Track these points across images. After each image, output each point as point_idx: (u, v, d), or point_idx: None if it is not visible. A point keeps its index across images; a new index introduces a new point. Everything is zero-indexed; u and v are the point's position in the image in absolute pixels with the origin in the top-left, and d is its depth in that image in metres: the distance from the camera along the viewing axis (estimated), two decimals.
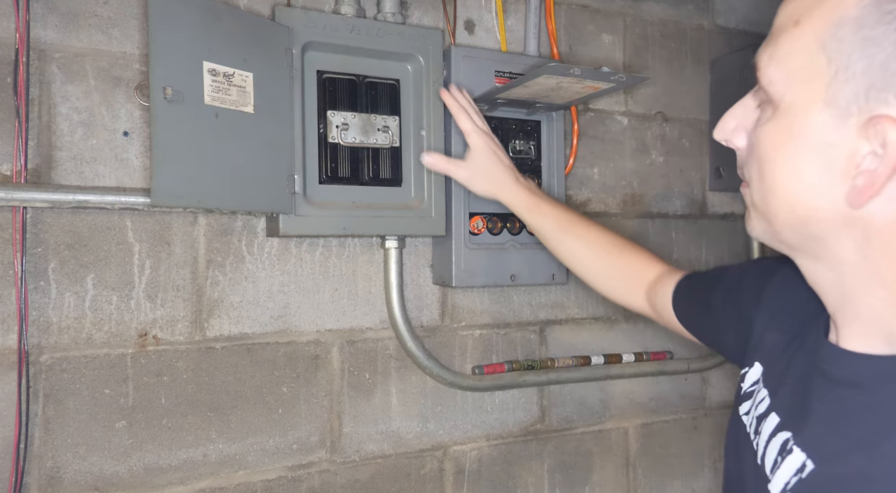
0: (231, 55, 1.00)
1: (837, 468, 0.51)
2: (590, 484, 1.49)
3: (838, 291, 0.54)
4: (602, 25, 1.50)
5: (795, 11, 0.49)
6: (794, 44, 0.49)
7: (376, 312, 1.27)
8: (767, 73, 0.51)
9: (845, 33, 0.45)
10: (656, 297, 0.95)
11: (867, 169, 0.46)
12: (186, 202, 0.96)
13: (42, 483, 1.02)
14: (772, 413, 0.61)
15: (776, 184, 0.52)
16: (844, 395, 0.53)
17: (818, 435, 0.54)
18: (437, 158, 1.11)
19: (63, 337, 1.04)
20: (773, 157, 0.52)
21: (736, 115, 0.57)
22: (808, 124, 0.48)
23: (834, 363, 0.55)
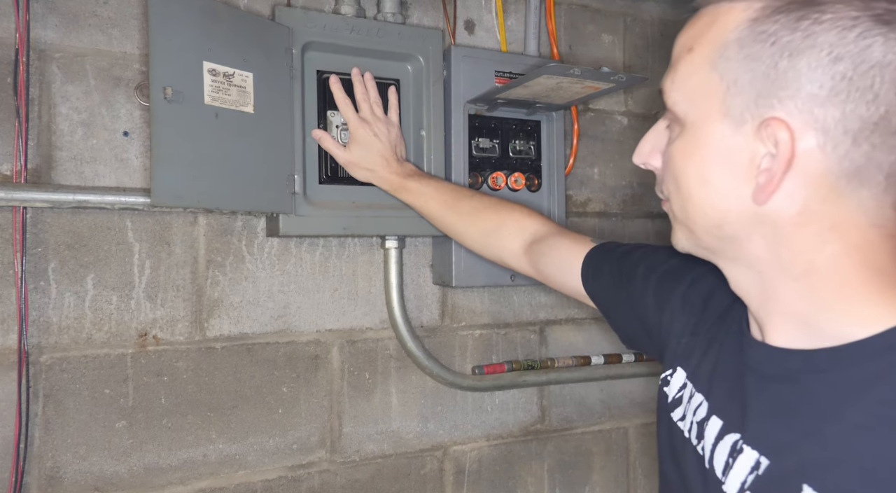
0: (231, 55, 1.00)
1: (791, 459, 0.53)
2: (590, 484, 1.49)
3: (758, 289, 0.58)
4: (602, 25, 1.50)
5: (688, 40, 0.57)
6: (690, 68, 0.56)
7: (376, 312, 1.27)
8: (671, 96, 0.58)
9: (731, 53, 0.52)
10: (542, 258, 0.97)
11: (766, 168, 0.51)
12: (186, 202, 0.96)
13: (42, 483, 1.02)
14: (713, 417, 0.63)
15: (691, 192, 0.57)
16: (780, 390, 0.56)
17: (765, 431, 0.56)
18: (324, 136, 1.13)
19: (63, 337, 1.04)
20: (684, 168, 0.57)
21: (650, 139, 0.64)
22: (711, 135, 0.54)
23: (764, 361, 0.59)
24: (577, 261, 0.92)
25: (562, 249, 0.95)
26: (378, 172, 1.12)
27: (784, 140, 0.49)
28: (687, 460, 0.65)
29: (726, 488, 0.58)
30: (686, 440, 0.66)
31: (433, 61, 1.21)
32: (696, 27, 0.56)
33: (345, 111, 1.12)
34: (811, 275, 0.53)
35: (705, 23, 0.55)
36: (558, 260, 0.95)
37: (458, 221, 1.09)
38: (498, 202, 1.08)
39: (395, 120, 1.18)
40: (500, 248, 1.04)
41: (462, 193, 1.10)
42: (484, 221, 1.06)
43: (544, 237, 0.98)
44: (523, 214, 1.04)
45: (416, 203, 1.12)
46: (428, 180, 1.13)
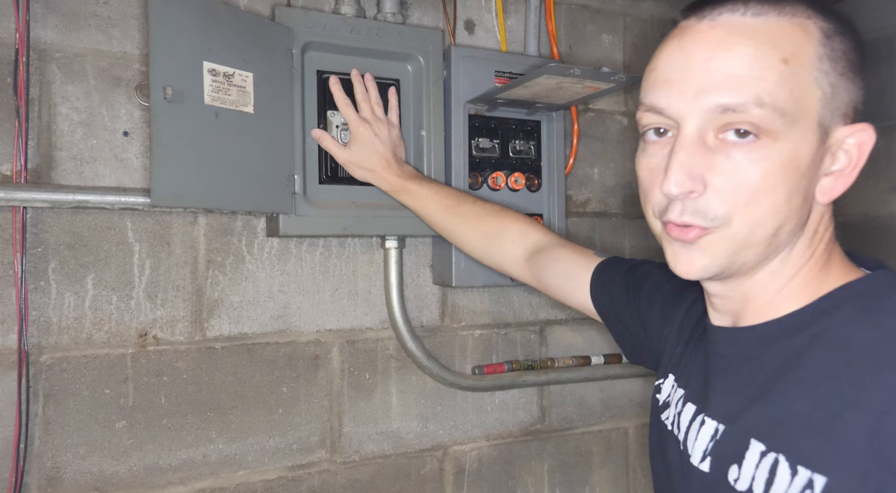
0: (231, 55, 1.00)
1: (743, 421, 0.60)
2: (590, 484, 1.49)
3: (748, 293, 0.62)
4: (602, 25, 1.50)
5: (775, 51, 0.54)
6: (790, 79, 0.54)
7: (376, 312, 1.27)
8: (765, 108, 0.53)
9: (825, 66, 0.55)
10: (545, 269, 0.98)
11: (841, 168, 0.57)
12: (186, 202, 0.96)
13: (42, 483, 1.02)
14: (688, 403, 0.69)
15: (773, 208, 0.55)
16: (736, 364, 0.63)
17: (722, 403, 0.63)
18: (324, 136, 1.13)
19: (63, 337, 1.04)
20: (776, 185, 0.55)
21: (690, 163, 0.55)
22: (806, 146, 0.55)
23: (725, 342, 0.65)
24: (583, 275, 0.93)
25: (567, 261, 0.96)
26: (378, 173, 1.12)
27: (866, 140, 0.57)
28: (671, 450, 0.71)
29: (693, 459, 0.65)
30: (669, 432, 0.71)
31: (433, 61, 1.21)
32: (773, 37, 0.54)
33: (345, 111, 1.12)
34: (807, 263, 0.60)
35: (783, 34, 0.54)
36: (563, 272, 0.96)
37: (459, 226, 1.09)
38: (500, 209, 1.08)
39: (396, 121, 1.18)
40: (499, 254, 1.05)
41: (463, 198, 1.11)
42: (485, 227, 1.06)
43: (547, 248, 0.99)
44: (525, 222, 1.05)
45: (416, 206, 1.12)
46: (428, 183, 1.13)
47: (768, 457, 0.56)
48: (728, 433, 0.61)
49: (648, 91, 0.59)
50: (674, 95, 0.56)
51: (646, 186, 0.61)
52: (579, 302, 0.95)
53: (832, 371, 0.54)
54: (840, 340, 0.55)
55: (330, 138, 1.13)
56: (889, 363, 0.51)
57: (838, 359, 0.54)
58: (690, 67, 0.55)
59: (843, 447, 0.51)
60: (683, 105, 0.56)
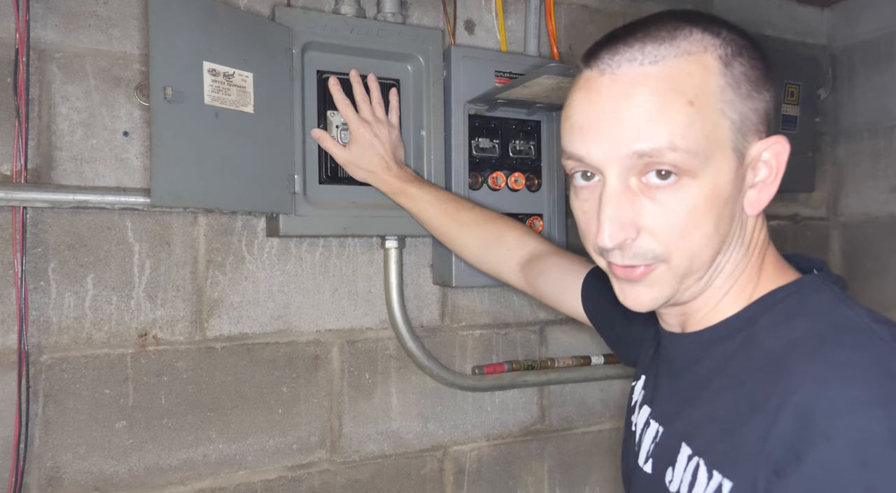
0: (231, 55, 1.00)
1: (676, 424, 0.63)
2: (590, 484, 1.49)
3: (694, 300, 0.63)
4: (602, 25, 1.50)
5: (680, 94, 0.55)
6: (697, 119, 0.55)
7: (376, 312, 1.27)
8: (679, 152, 0.54)
9: (728, 96, 0.56)
10: (539, 277, 1.00)
11: (764, 180, 0.59)
12: (186, 202, 0.96)
13: (42, 483, 1.02)
14: (644, 406, 0.72)
15: (704, 237, 0.57)
16: (678, 369, 0.66)
17: (664, 406, 0.67)
18: (324, 136, 1.13)
19: (63, 337, 1.04)
20: (703, 217, 0.56)
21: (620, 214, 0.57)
22: (726, 176, 0.57)
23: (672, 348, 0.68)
24: (574, 282, 0.95)
25: (560, 269, 0.98)
26: (377, 174, 1.12)
27: (781, 150, 0.58)
28: (629, 450, 0.74)
29: (639, 460, 0.68)
30: (632, 433, 0.74)
31: (433, 61, 1.21)
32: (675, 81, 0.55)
33: (345, 112, 1.12)
34: (743, 272, 0.62)
35: (684, 75, 0.55)
36: (556, 280, 0.98)
37: (457, 231, 1.10)
38: (498, 217, 1.09)
39: (396, 122, 1.18)
40: (496, 262, 1.07)
41: (462, 204, 1.11)
42: (483, 234, 1.07)
43: (541, 256, 1.01)
44: (522, 231, 1.06)
45: (415, 209, 1.13)
46: (428, 187, 1.13)
47: (693, 461, 0.58)
48: (665, 435, 0.64)
49: (566, 138, 0.60)
50: (591, 143, 0.57)
51: (583, 229, 0.63)
52: (571, 309, 0.97)
53: (747, 376, 0.56)
54: (760, 345, 0.57)
55: (330, 138, 1.13)
56: (787, 368, 0.52)
57: (754, 365, 0.56)
58: (602, 118, 0.56)
59: (745, 451, 0.52)
60: (601, 153, 0.57)
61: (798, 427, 0.48)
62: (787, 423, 0.49)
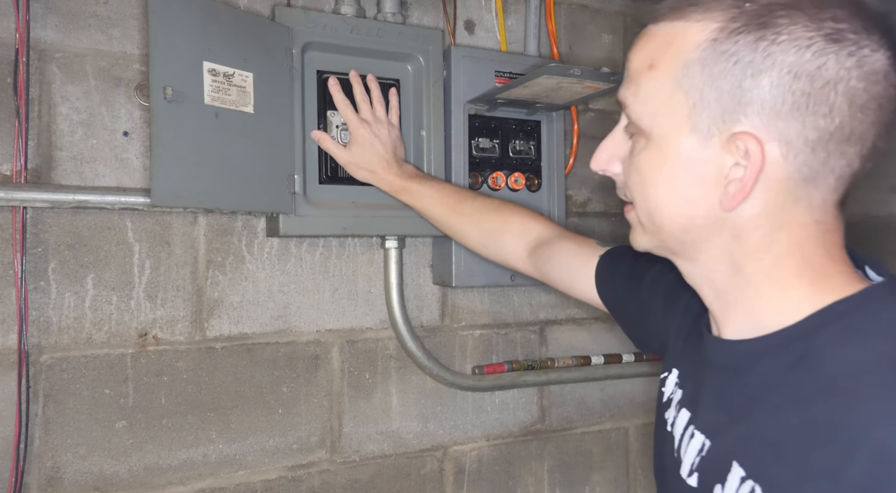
0: (231, 55, 1.00)
1: (724, 440, 0.60)
2: (590, 484, 1.49)
3: (711, 286, 0.63)
4: (602, 25, 1.50)
5: (647, 57, 0.59)
6: (653, 84, 0.58)
7: (376, 312, 1.27)
8: (635, 109, 0.60)
9: (694, 72, 0.55)
10: (548, 262, 0.99)
11: (735, 177, 0.55)
12: (186, 202, 0.96)
13: (42, 483, 1.02)
14: (682, 409, 0.69)
15: (659, 201, 0.60)
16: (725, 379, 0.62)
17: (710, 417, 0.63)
18: (324, 137, 1.13)
19: (63, 337, 1.04)
20: (653, 180, 0.60)
21: (608, 147, 0.66)
22: (679, 149, 0.57)
23: (716, 353, 0.65)
24: (586, 266, 0.93)
25: (569, 253, 0.96)
26: (378, 174, 1.12)
27: (755, 151, 0.54)
28: (667, 451, 0.71)
29: (681, 470, 0.65)
30: (668, 432, 0.71)
31: (433, 61, 1.21)
32: (653, 44, 0.59)
33: (344, 112, 1.12)
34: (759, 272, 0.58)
35: (663, 41, 0.58)
36: (566, 265, 0.96)
37: (461, 223, 1.09)
38: (501, 204, 1.09)
39: (396, 122, 1.18)
40: (503, 250, 1.06)
41: (464, 195, 1.11)
42: (487, 223, 1.07)
43: (549, 241, 1.00)
44: (527, 216, 1.05)
45: (418, 205, 1.12)
46: (429, 182, 1.13)
47: (746, 484, 0.55)
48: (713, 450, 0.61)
49: None
50: None
51: None
52: (583, 294, 0.95)
53: (808, 400, 0.52)
54: (823, 366, 0.53)
55: (329, 139, 1.13)
56: (859, 400, 0.48)
57: (816, 387, 0.52)
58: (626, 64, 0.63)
59: (811, 487, 0.49)
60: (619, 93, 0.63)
61: (875, 472, 0.45)
62: (863, 465, 0.46)
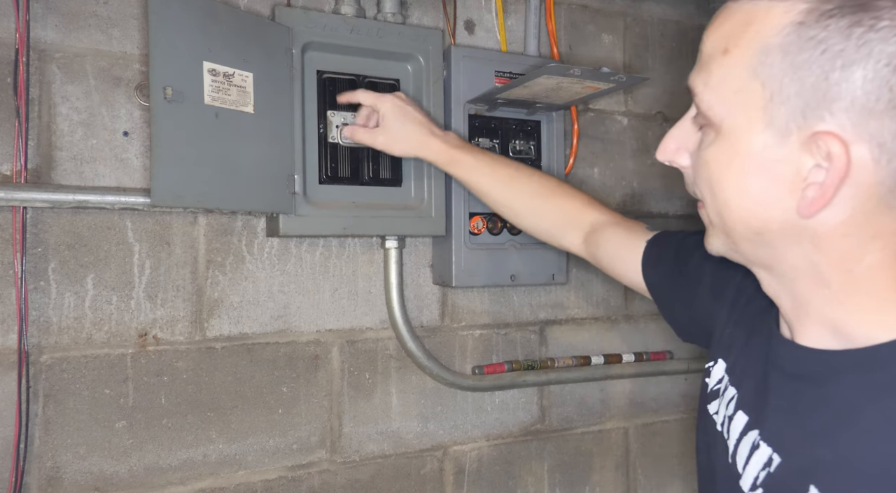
0: (231, 55, 1.00)
1: (801, 459, 0.54)
2: (590, 484, 1.49)
3: (790, 294, 0.58)
4: (602, 25, 1.50)
5: (722, 40, 0.53)
6: (726, 71, 0.52)
7: (376, 312, 1.27)
8: (705, 98, 0.54)
9: (774, 60, 0.49)
10: (599, 248, 0.96)
11: (815, 181, 0.49)
12: (186, 202, 0.96)
13: (42, 483, 1.02)
14: (739, 411, 0.64)
15: (728, 201, 0.55)
16: (801, 389, 0.57)
17: (781, 429, 0.57)
18: (355, 129, 1.09)
19: (63, 337, 1.04)
20: (722, 177, 0.55)
21: (676, 136, 0.61)
22: (751, 145, 0.52)
23: (790, 359, 0.59)
24: (634, 252, 0.91)
25: (618, 239, 0.94)
26: (424, 141, 1.04)
27: (838, 154, 0.47)
28: (717, 452, 0.66)
29: (742, 482, 0.59)
30: (718, 432, 0.67)
31: (433, 61, 1.21)
32: (730, 25, 0.52)
33: (363, 96, 1.07)
34: (847, 283, 0.52)
35: (740, 22, 0.51)
36: (615, 251, 0.94)
37: (515, 202, 1.04)
38: (556, 184, 1.04)
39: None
40: (557, 233, 1.03)
41: (518, 170, 1.05)
42: (543, 205, 1.02)
43: (602, 226, 0.97)
44: (582, 200, 1.01)
45: (468, 178, 1.05)
46: (479, 152, 1.06)
47: None
48: (784, 468, 0.55)
49: None
50: None
51: None
52: (630, 280, 0.93)
53: None
54: None
55: (361, 129, 1.07)
56: None
57: None
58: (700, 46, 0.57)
59: None
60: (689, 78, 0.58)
61: None
62: None
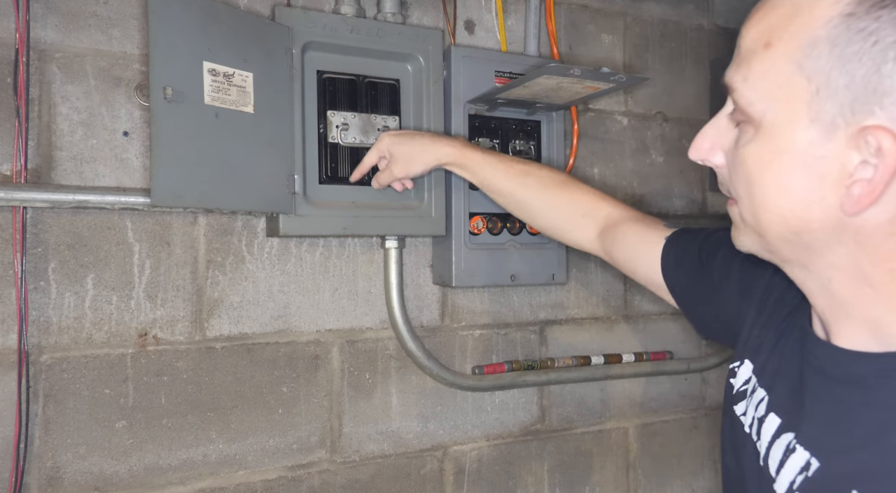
0: (231, 55, 1.00)
1: (843, 465, 0.52)
2: (590, 484, 1.49)
3: (827, 294, 0.56)
4: (602, 25, 1.50)
5: (764, 33, 0.51)
6: (768, 65, 0.51)
7: (376, 312, 1.27)
8: (745, 94, 0.53)
9: (821, 52, 0.47)
10: (614, 244, 0.94)
11: (862, 178, 0.47)
12: (186, 202, 0.96)
13: (42, 483, 1.02)
14: (771, 414, 0.62)
15: (767, 200, 0.53)
16: (843, 392, 0.55)
17: (820, 433, 0.55)
18: (377, 177, 1.13)
19: (63, 337, 1.04)
20: (762, 175, 0.53)
21: (709, 134, 0.59)
22: (795, 141, 0.50)
23: (830, 362, 0.57)
24: (652, 250, 0.88)
25: (635, 235, 0.92)
26: (434, 147, 1.07)
27: (890, 150, 0.45)
28: (746, 454, 0.65)
29: (776, 486, 0.58)
30: (747, 435, 0.65)
31: (433, 61, 1.21)
32: (773, 18, 0.51)
33: (368, 158, 1.12)
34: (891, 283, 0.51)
35: (784, 14, 0.50)
36: (631, 248, 0.92)
37: (528, 199, 1.03)
38: (568, 179, 1.03)
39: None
40: (571, 230, 1.01)
41: (529, 167, 1.04)
42: (556, 200, 1.01)
43: (618, 222, 0.95)
44: (595, 195, 1.00)
45: (481, 177, 1.05)
46: (489, 151, 1.07)
47: None
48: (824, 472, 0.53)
49: None
50: None
51: None
52: (646, 278, 0.91)
53: None
54: None
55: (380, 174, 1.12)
56: None
57: None
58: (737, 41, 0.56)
59: None
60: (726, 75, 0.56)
61: None
62: None
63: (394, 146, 1.09)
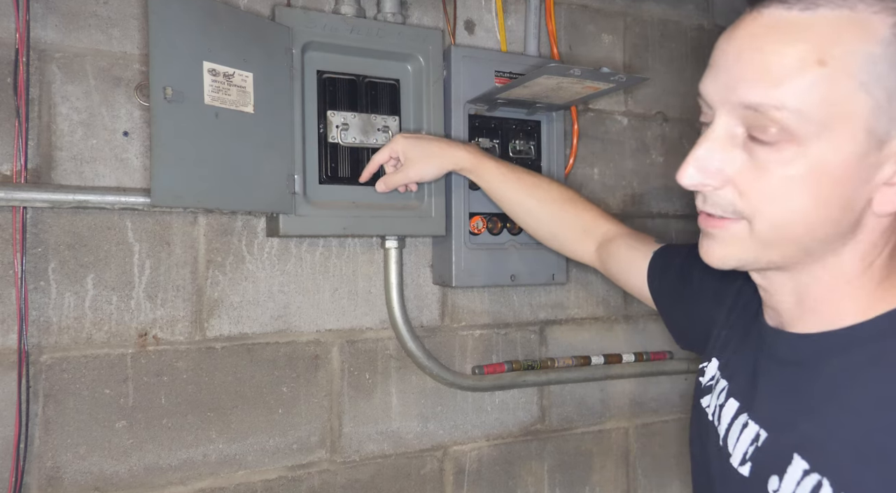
0: (231, 55, 1.00)
1: (787, 434, 0.58)
2: (590, 484, 1.49)
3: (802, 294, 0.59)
4: (602, 25, 1.50)
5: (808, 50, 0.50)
6: (822, 84, 0.49)
7: (376, 312, 1.27)
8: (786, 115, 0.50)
9: (881, 69, 0.49)
10: (610, 257, 1.01)
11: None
12: (186, 202, 0.96)
13: (42, 483, 1.02)
14: (730, 399, 0.68)
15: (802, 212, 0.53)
16: (790, 372, 0.60)
17: (768, 409, 0.62)
18: (387, 178, 1.12)
19: (63, 337, 1.04)
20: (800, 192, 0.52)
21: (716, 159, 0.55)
22: (847, 156, 0.51)
23: (781, 347, 0.62)
24: (641, 261, 0.95)
25: (627, 249, 0.98)
26: (448, 151, 1.08)
27: None
28: (710, 440, 0.70)
29: (732, 460, 0.64)
30: (710, 422, 0.70)
31: (433, 61, 1.21)
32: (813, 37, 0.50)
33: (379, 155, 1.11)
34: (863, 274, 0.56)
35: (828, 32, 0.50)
36: (623, 260, 0.98)
37: (535, 208, 1.07)
38: (574, 194, 1.08)
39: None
40: (572, 241, 1.07)
41: (538, 179, 1.09)
42: (561, 212, 1.06)
43: (614, 237, 1.01)
44: (597, 212, 1.06)
45: (495, 183, 1.08)
46: (501, 160, 1.10)
47: (811, 477, 0.53)
48: (771, 441, 0.60)
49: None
50: (709, 79, 0.56)
51: None
52: (636, 289, 0.97)
53: (889, 401, 0.51)
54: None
55: (391, 175, 1.11)
56: None
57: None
58: (726, 57, 0.55)
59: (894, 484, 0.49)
60: (714, 92, 0.55)
61: None
62: None
63: (410, 149, 1.09)
